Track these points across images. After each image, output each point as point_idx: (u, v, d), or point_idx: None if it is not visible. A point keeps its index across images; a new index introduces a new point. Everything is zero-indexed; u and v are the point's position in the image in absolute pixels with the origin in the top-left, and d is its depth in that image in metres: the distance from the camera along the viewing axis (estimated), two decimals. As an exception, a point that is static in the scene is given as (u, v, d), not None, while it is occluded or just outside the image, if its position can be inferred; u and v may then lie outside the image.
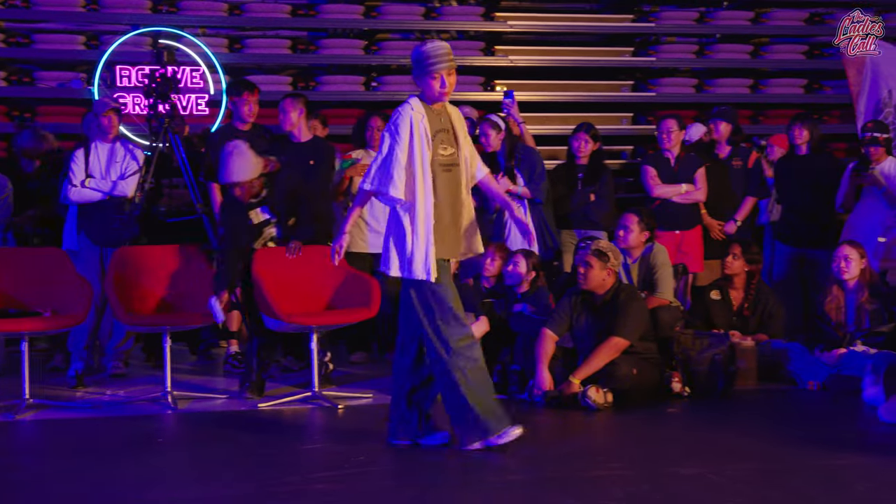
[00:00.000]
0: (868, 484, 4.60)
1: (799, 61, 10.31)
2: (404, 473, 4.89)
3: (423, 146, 5.04)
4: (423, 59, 5.07)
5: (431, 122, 5.11)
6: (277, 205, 6.77)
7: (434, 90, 5.08)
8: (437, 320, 5.06)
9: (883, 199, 7.55)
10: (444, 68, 5.06)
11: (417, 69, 5.11)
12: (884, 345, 6.72)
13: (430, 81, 5.07)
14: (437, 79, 5.06)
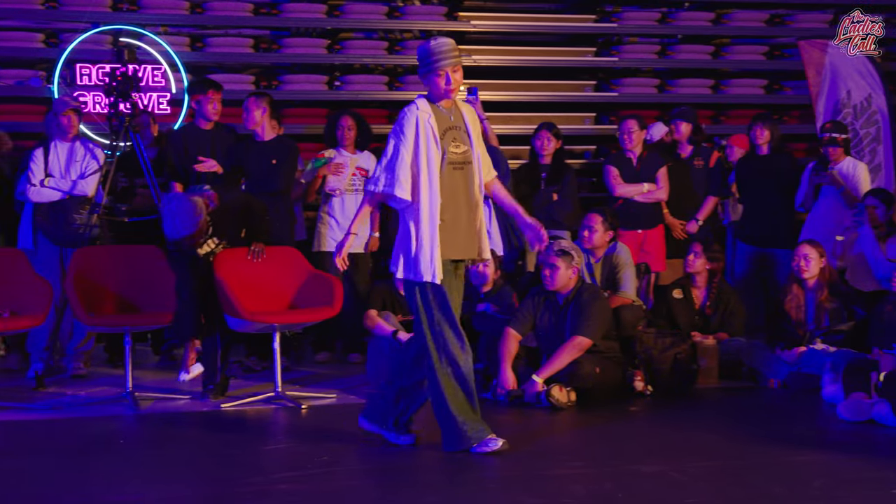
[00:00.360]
0: (827, 480, 4.65)
1: (759, 62, 10.39)
2: (368, 473, 4.89)
3: (430, 145, 4.97)
4: (427, 57, 5.00)
5: (440, 120, 5.03)
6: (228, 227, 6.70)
7: (440, 87, 5.01)
8: (437, 323, 4.98)
9: (841, 198, 7.62)
10: (449, 65, 4.98)
11: (423, 67, 5.03)
12: (843, 343, 6.78)
13: (435, 79, 5.00)
14: (443, 76, 4.99)
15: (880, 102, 9.41)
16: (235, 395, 6.52)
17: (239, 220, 6.74)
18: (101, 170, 7.26)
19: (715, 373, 7.00)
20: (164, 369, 7.55)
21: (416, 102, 5.06)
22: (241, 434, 5.76)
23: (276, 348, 6.39)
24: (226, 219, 6.63)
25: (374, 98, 9.63)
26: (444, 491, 4.58)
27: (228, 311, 6.47)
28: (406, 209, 5.00)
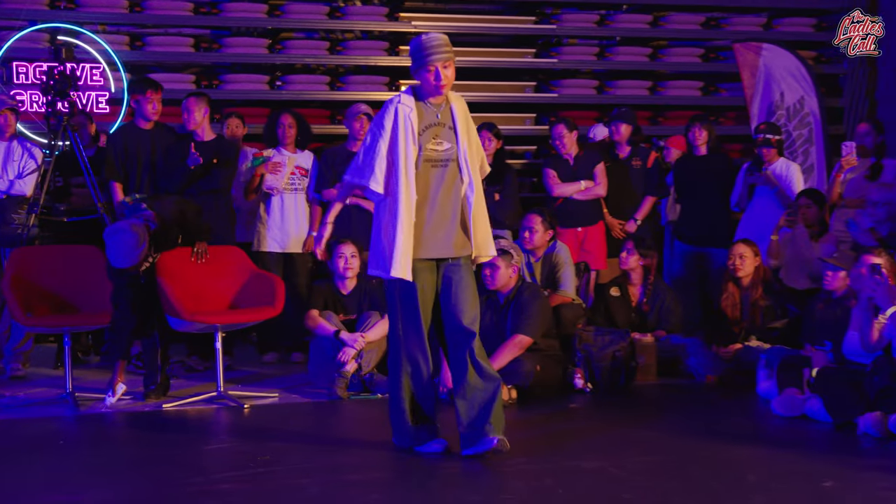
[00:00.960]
0: (762, 473, 4.73)
1: (696, 64, 10.50)
2: (310, 472, 4.88)
3: (408, 141, 4.86)
4: (418, 51, 4.88)
5: (423, 116, 4.92)
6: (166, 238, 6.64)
7: (429, 83, 4.89)
8: (400, 321, 4.97)
9: (775, 198, 7.73)
10: (438, 59, 4.84)
11: (414, 62, 4.91)
12: (777, 340, 6.88)
13: (424, 74, 4.89)
14: (432, 71, 4.86)
15: (812, 105, 9.58)
16: (177, 395, 6.48)
17: (175, 228, 6.69)
18: (39, 169, 7.18)
19: (653, 370, 7.08)
20: (105, 370, 7.48)
21: (401, 96, 4.97)
22: (183, 434, 5.72)
23: (219, 348, 6.36)
24: (163, 230, 6.57)
25: (316, 98, 9.61)
26: (386, 489, 4.60)
27: (169, 311, 6.43)
28: (380, 204, 4.94)
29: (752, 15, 10.65)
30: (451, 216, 4.96)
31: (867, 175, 7.47)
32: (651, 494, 4.43)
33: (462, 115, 5.01)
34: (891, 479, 4.62)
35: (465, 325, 4.94)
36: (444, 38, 4.89)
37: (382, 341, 6.72)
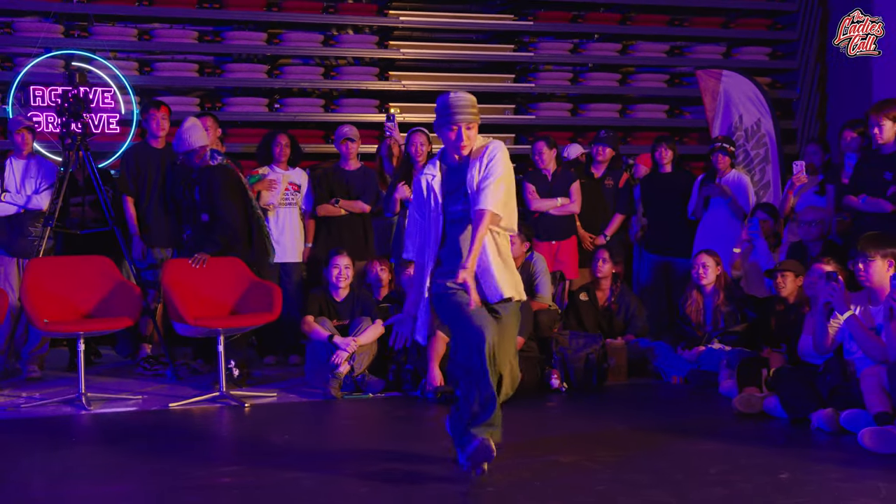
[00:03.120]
0: (723, 467, 4.73)
1: (661, 89, 10.54)
2: (307, 467, 4.86)
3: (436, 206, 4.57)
4: (443, 109, 4.52)
5: (449, 180, 4.58)
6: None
7: (450, 141, 4.52)
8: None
9: (728, 208, 7.75)
10: (462, 120, 4.46)
11: (437, 118, 4.55)
12: (737, 343, 6.90)
13: (447, 132, 4.50)
14: (455, 131, 4.48)
15: (768, 126, 9.62)
16: (182, 395, 6.45)
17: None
18: (54, 185, 7.16)
19: (624, 370, 7.09)
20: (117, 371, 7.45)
21: (431, 163, 4.67)
22: (188, 432, 5.69)
23: (221, 351, 6.34)
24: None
25: (311, 119, 9.60)
26: (378, 483, 4.58)
27: (174, 317, 6.43)
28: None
29: (712, 44, 10.69)
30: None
31: (816, 191, 7.50)
32: (621, 486, 4.42)
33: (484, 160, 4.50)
34: (842, 471, 4.63)
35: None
36: (472, 100, 4.54)
37: (373, 345, 6.72)
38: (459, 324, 4.44)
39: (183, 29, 9.48)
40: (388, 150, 8.03)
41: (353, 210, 7.72)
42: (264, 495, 4.39)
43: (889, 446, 4.87)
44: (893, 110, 6.46)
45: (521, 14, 10.35)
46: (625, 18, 10.58)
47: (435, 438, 5.39)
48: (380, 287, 7.22)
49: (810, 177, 7.53)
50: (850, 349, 5.65)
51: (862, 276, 5.53)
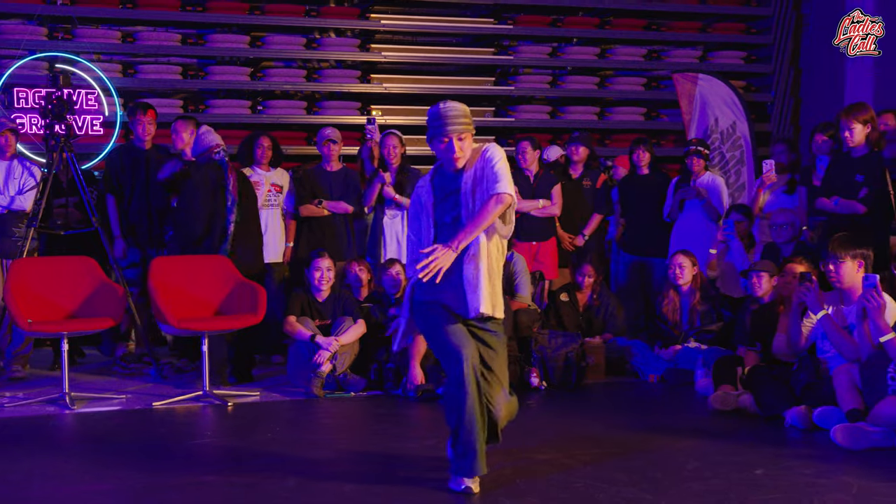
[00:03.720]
0: (699, 463, 4.75)
1: (639, 92, 10.57)
2: (287, 465, 4.85)
3: (428, 216, 4.40)
4: (434, 119, 4.34)
5: (442, 186, 4.39)
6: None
7: (441, 153, 4.33)
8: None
9: (703, 210, 7.78)
10: (453, 131, 4.28)
11: (429, 129, 4.36)
12: (713, 341, 6.93)
13: (438, 144, 4.32)
14: (446, 142, 4.29)
15: (743, 129, 9.67)
16: (166, 394, 6.42)
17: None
18: (38, 186, 7.12)
19: (602, 369, 7.11)
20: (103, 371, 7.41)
21: (426, 177, 4.48)
22: (171, 430, 5.67)
23: (205, 351, 6.32)
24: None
25: (294, 122, 9.59)
26: (360, 481, 4.57)
27: (159, 318, 6.40)
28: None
29: (689, 48, 10.74)
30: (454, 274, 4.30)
31: (785, 190, 7.54)
32: (600, 483, 4.43)
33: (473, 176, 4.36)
34: (814, 467, 4.66)
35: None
36: (464, 110, 4.35)
37: (355, 344, 6.71)
38: (437, 341, 4.33)
39: (166, 32, 9.46)
40: (369, 152, 8.04)
41: (336, 211, 7.71)
42: (247, 494, 4.38)
43: (860, 443, 4.91)
44: (863, 114, 6.50)
45: (501, 18, 10.37)
46: (603, 23, 10.61)
47: (417, 436, 5.40)
48: (360, 287, 7.23)
49: (779, 175, 7.58)
50: (822, 348, 5.69)
51: (833, 277, 5.56)
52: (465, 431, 4.26)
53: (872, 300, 5.14)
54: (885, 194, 6.47)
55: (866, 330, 5.30)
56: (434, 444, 5.10)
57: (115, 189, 7.39)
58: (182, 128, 7.38)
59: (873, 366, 5.20)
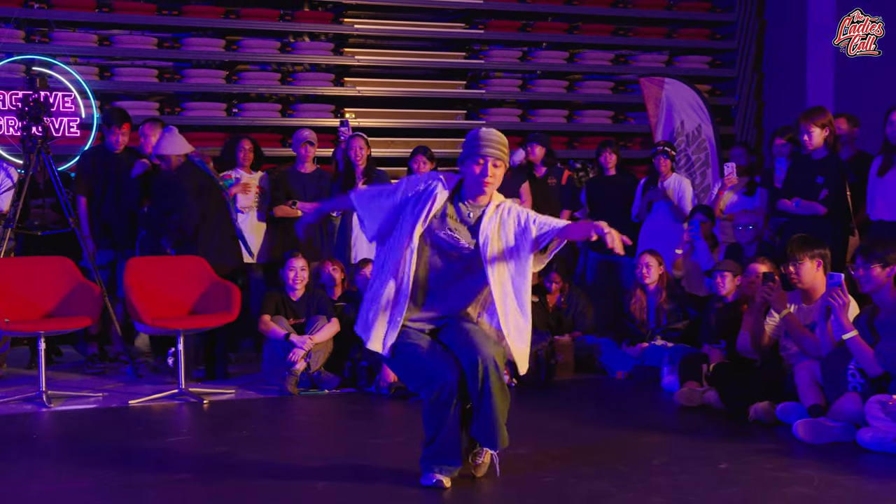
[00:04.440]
0: (665, 458, 4.77)
1: (607, 96, 10.62)
2: (262, 462, 4.83)
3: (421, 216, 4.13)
4: (472, 140, 4.14)
5: (454, 203, 4.18)
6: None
7: (474, 175, 4.11)
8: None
9: (670, 212, 7.82)
10: (491, 154, 4.08)
11: (465, 149, 4.15)
12: (679, 339, 6.96)
13: (472, 165, 4.10)
14: (481, 164, 4.09)
15: (708, 132, 9.73)
16: (142, 392, 6.38)
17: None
18: (15, 187, 7.05)
19: (571, 366, 7.12)
20: (80, 370, 7.35)
21: (441, 182, 4.20)
22: (148, 428, 5.63)
23: (180, 349, 6.28)
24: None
25: (269, 124, 9.56)
26: (334, 478, 4.56)
27: (134, 316, 6.36)
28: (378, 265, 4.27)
29: (655, 53, 10.80)
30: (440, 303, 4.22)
31: (745, 192, 7.59)
32: (568, 478, 4.44)
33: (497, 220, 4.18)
34: (777, 461, 4.69)
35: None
36: (503, 139, 4.17)
37: (329, 342, 6.70)
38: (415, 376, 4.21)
39: (142, 35, 9.40)
40: (343, 153, 8.02)
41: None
42: (222, 491, 4.36)
43: (821, 437, 4.95)
44: (821, 118, 6.54)
45: (472, 23, 10.38)
46: (572, 28, 10.64)
47: (389, 433, 5.39)
48: (333, 286, 7.21)
49: (739, 178, 7.63)
50: (785, 346, 5.73)
51: (794, 277, 5.60)
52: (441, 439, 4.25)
53: (838, 298, 5.18)
54: (843, 196, 6.53)
55: (828, 327, 5.34)
56: (407, 440, 5.09)
57: (86, 190, 7.32)
58: (150, 131, 7.38)
59: (834, 363, 5.24)
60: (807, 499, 4.11)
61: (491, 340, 4.22)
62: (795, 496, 4.15)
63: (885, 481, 4.33)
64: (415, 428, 5.47)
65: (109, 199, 7.33)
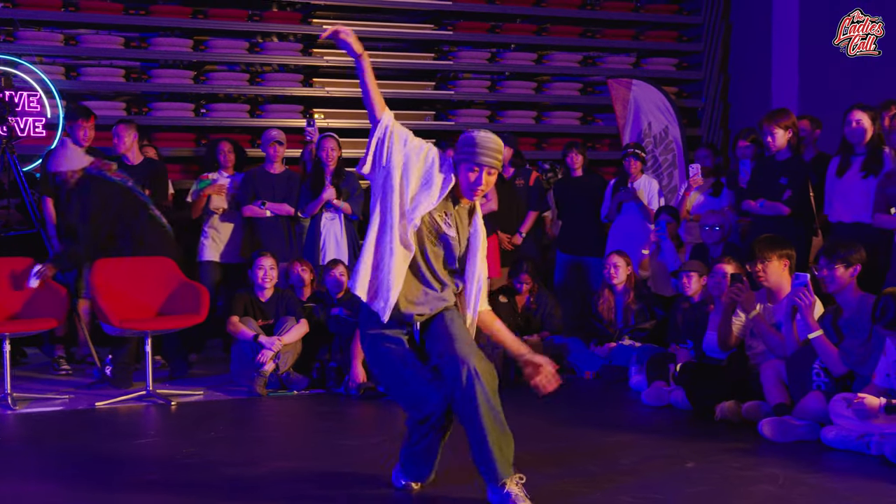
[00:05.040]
0: (633, 458, 4.80)
1: (575, 97, 10.64)
2: (231, 463, 4.80)
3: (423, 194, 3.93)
4: (468, 146, 3.97)
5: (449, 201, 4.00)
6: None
7: (466, 181, 3.95)
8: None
9: (639, 212, 7.86)
10: (487, 162, 3.92)
11: (459, 153, 3.98)
12: (646, 339, 7.00)
13: (466, 171, 3.94)
14: (476, 171, 3.93)
15: (675, 133, 9.79)
16: (109, 395, 6.32)
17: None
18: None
19: (539, 366, 7.11)
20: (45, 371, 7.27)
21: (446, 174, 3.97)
22: (115, 430, 5.58)
23: (148, 351, 6.24)
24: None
25: (237, 124, 9.50)
26: (302, 478, 4.54)
27: (101, 318, 6.30)
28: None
29: (623, 55, 10.84)
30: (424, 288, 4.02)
31: (711, 192, 7.65)
32: (537, 478, 4.44)
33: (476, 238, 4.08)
34: (743, 459, 4.72)
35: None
36: (500, 144, 4.00)
37: (298, 343, 6.68)
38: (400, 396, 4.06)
39: (109, 35, 9.31)
40: (311, 154, 8.00)
41: (279, 213, 7.66)
42: (190, 492, 4.32)
43: (786, 436, 4.99)
44: (784, 119, 6.60)
45: (441, 24, 10.38)
46: (540, 29, 10.67)
47: (358, 434, 5.38)
48: (302, 287, 7.19)
49: (704, 179, 7.69)
50: (751, 345, 5.78)
51: (761, 276, 5.65)
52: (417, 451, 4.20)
53: (805, 298, 5.23)
54: (806, 197, 6.59)
55: (794, 327, 5.39)
56: (376, 441, 5.09)
57: (52, 191, 7.24)
58: (124, 132, 7.31)
59: (799, 362, 5.30)
60: (772, 497, 4.15)
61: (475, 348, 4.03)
62: (761, 494, 4.19)
63: (849, 479, 4.37)
64: (384, 428, 5.48)
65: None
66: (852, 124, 6.24)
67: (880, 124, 6.25)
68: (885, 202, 6.00)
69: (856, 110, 6.25)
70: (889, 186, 5.97)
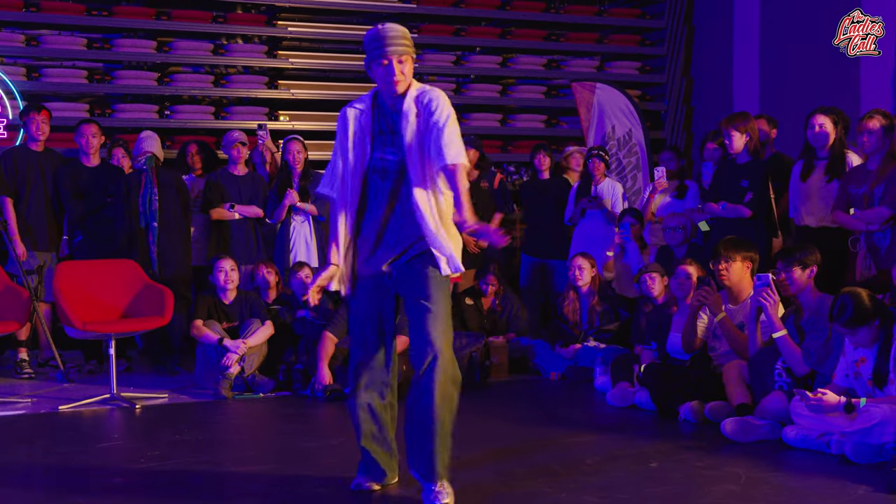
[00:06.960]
0: (597, 457, 4.82)
1: (539, 100, 10.69)
2: (195, 465, 4.78)
3: (355, 147, 3.94)
4: (372, 41, 3.88)
5: (378, 120, 3.96)
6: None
7: (381, 78, 3.88)
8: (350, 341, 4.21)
9: (603, 216, 7.91)
10: (393, 52, 3.83)
11: (367, 53, 3.88)
12: (611, 340, 7.04)
13: (377, 69, 3.86)
14: (385, 65, 3.85)
15: (639, 136, 9.84)
16: (73, 398, 6.26)
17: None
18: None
19: (505, 368, 7.15)
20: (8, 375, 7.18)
21: (361, 98, 4.03)
22: (79, 434, 5.53)
23: (112, 353, 6.19)
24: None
25: (201, 126, 9.44)
26: (268, 480, 4.53)
27: (63, 320, 6.25)
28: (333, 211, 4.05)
29: (587, 58, 10.90)
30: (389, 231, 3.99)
31: (675, 195, 7.71)
32: (502, 477, 4.47)
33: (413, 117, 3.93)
34: (706, 459, 4.76)
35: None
36: (404, 32, 3.90)
37: (263, 346, 6.65)
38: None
39: (71, 35, 9.23)
40: (260, 156, 8.04)
41: (248, 215, 7.64)
42: (154, 495, 4.30)
43: (749, 435, 5.05)
44: (742, 123, 6.63)
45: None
46: (505, 33, 10.71)
47: (323, 436, 5.37)
48: (267, 289, 7.16)
49: (669, 181, 7.75)
50: (713, 346, 5.83)
51: (723, 275, 5.71)
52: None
53: (769, 297, 5.29)
54: (766, 198, 6.64)
55: (757, 327, 5.45)
56: (340, 442, 5.08)
57: (10, 191, 7.17)
58: (88, 131, 7.26)
59: (761, 362, 5.36)
60: (734, 495, 4.19)
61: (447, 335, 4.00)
62: (723, 493, 4.23)
63: (809, 477, 4.43)
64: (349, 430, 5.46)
65: (33, 202, 7.18)
66: (815, 128, 6.29)
67: (842, 128, 6.31)
68: (845, 201, 6.06)
69: (818, 114, 6.30)
70: (850, 185, 6.04)
